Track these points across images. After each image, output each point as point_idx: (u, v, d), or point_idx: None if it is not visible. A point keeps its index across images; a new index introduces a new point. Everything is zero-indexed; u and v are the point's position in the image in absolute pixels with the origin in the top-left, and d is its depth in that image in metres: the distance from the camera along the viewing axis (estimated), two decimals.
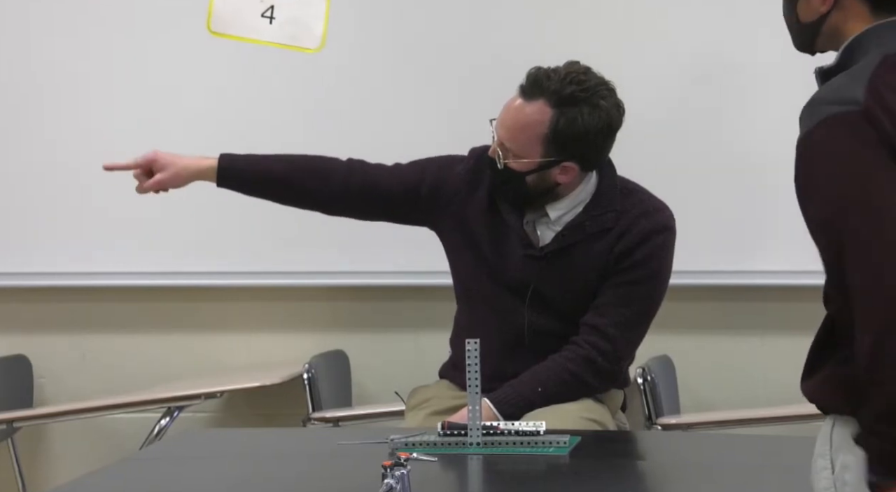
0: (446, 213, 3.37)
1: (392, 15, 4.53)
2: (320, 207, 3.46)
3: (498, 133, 3.23)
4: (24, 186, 4.71)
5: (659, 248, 3.29)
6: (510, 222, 3.29)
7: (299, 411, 4.42)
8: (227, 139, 4.61)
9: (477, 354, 2.83)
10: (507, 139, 3.21)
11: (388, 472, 2.31)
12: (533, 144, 3.20)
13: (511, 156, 3.21)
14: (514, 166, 3.22)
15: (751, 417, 4.16)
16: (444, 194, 3.37)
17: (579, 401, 3.24)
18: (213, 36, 3.67)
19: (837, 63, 2.10)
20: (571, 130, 3.17)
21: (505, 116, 3.22)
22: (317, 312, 4.64)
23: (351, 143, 4.54)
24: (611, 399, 3.35)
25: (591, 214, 3.27)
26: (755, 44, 4.32)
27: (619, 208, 3.28)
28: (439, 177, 3.38)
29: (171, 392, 4.39)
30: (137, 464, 3.08)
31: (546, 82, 3.17)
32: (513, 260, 3.28)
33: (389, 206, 3.42)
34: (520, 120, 3.19)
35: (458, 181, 3.36)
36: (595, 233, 3.26)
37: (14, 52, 4.71)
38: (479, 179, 3.33)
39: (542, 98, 3.18)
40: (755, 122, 4.34)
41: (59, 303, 4.77)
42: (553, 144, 3.19)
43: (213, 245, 4.63)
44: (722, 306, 4.42)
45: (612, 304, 3.25)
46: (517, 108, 3.20)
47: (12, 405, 4.58)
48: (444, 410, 3.29)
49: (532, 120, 3.18)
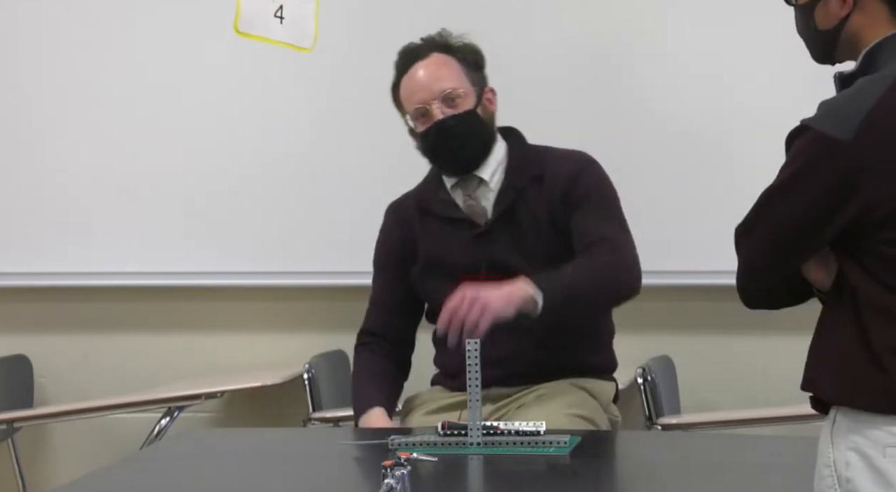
0: (408, 258, 3.42)
1: (386, 14, 4.53)
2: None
3: (433, 91, 3.29)
4: (25, 187, 4.71)
5: (598, 174, 3.35)
6: (449, 214, 3.33)
7: (300, 411, 4.42)
8: (228, 140, 4.63)
9: (477, 354, 2.83)
10: (447, 82, 3.29)
11: (388, 472, 2.31)
12: (462, 77, 3.32)
13: (457, 95, 3.29)
14: (465, 105, 3.29)
15: (751, 417, 4.15)
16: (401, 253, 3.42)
17: (570, 394, 3.24)
18: (238, 36, 3.69)
19: (858, 68, 2.10)
20: (472, 56, 3.35)
21: (424, 78, 3.31)
22: (317, 312, 4.64)
23: (349, 144, 4.56)
24: (601, 392, 3.34)
25: (515, 171, 3.33)
26: (750, 48, 4.33)
27: (537, 160, 3.34)
28: (392, 257, 3.43)
29: (171, 392, 4.40)
30: (138, 464, 3.08)
31: (422, 45, 3.35)
32: (462, 249, 3.31)
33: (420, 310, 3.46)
34: (437, 68, 3.31)
35: (396, 235, 3.43)
36: (526, 187, 3.29)
37: (16, 52, 4.71)
38: (407, 218, 3.41)
39: (431, 51, 3.34)
40: (754, 122, 4.34)
41: (59, 303, 4.77)
42: (470, 71, 3.34)
43: (214, 246, 4.63)
44: (722, 306, 4.41)
45: (590, 222, 3.26)
46: (426, 65, 3.32)
47: (13, 405, 4.58)
48: (441, 408, 3.31)
49: (444, 61, 3.32)
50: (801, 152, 2.05)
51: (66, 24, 4.67)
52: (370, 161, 4.52)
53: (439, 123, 3.29)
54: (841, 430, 2.05)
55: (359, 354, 3.45)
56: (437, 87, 3.29)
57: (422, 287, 3.39)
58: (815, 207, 2.04)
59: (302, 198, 4.59)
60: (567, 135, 3.54)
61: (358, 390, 3.38)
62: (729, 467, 2.82)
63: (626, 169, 4.34)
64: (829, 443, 2.07)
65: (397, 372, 3.42)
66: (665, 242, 4.37)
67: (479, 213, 3.32)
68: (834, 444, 2.06)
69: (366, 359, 3.42)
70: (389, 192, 3.53)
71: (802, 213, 2.06)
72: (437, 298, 3.33)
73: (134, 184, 4.66)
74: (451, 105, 3.30)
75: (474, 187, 3.33)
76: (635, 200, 4.36)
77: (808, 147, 2.04)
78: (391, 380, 3.40)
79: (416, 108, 3.31)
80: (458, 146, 3.31)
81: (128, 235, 4.65)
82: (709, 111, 4.39)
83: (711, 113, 4.39)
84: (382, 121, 4.49)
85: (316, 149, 4.59)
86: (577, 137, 3.33)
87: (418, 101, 3.30)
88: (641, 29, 4.42)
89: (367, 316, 3.48)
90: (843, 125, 2.00)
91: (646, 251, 3.64)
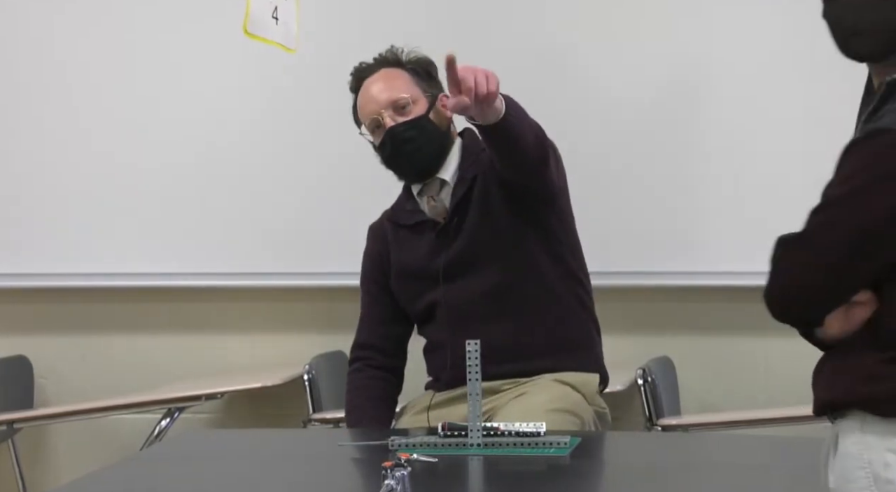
0: (388, 277, 3.48)
1: (376, 13, 4.53)
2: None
3: (381, 101, 3.35)
4: (25, 188, 4.71)
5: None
6: (416, 219, 3.40)
7: (300, 412, 4.42)
8: (227, 140, 4.63)
9: (477, 354, 2.83)
10: (395, 92, 3.36)
11: (388, 473, 2.31)
12: (412, 85, 3.38)
13: (407, 102, 3.35)
14: (417, 111, 3.34)
15: (752, 418, 4.15)
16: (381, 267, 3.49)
17: (552, 390, 3.26)
18: (247, 37, 3.69)
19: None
20: (420, 66, 3.42)
21: (376, 88, 3.38)
22: (317, 313, 4.64)
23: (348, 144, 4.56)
24: (584, 385, 3.34)
25: (464, 163, 3.38)
26: (736, 50, 4.33)
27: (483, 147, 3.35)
28: (373, 271, 3.51)
29: (171, 393, 4.40)
30: (138, 465, 3.08)
31: (372, 64, 3.43)
32: (426, 250, 3.38)
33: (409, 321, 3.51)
34: (388, 79, 3.39)
35: (375, 251, 3.51)
36: (476, 175, 3.34)
37: (14, 53, 4.71)
38: (382, 233, 3.49)
39: (382, 67, 3.42)
40: (759, 123, 4.34)
41: (59, 303, 4.77)
42: (422, 80, 3.40)
43: (214, 247, 4.63)
44: (722, 307, 4.42)
45: None
46: (377, 77, 3.40)
47: (13, 406, 4.58)
48: (426, 407, 3.34)
49: (393, 74, 3.40)
50: (878, 157, 1.98)
51: (61, 25, 4.67)
52: (370, 162, 4.51)
53: (390, 130, 3.35)
54: (877, 431, 2.02)
55: (354, 376, 3.48)
56: (385, 96, 3.37)
57: (400, 296, 3.46)
58: (887, 216, 1.97)
59: (302, 198, 4.59)
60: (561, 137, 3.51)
61: (349, 414, 3.44)
62: (729, 468, 2.82)
63: (626, 170, 4.35)
64: (863, 444, 2.03)
65: (393, 391, 3.48)
66: (665, 242, 4.37)
67: (441, 212, 3.38)
68: (869, 445, 2.03)
69: (361, 382, 3.46)
70: (389, 193, 3.53)
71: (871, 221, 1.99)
72: (413, 303, 3.43)
73: (134, 185, 4.66)
74: (401, 113, 3.36)
75: (437, 189, 3.39)
76: (635, 201, 4.38)
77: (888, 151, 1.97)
78: (388, 404, 3.45)
79: (371, 120, 3.38)
80: (412, 151, 3.36)
81: (128, 237, 4.65)
82: (712, 112, 4.38)
83: (715, 114, 4.38)
84: None
85: (314, 149, 4.59)
86: (574, 137, 3.32)
87: (371, 113, 3.38)
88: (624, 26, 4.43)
89: (359, 332, 3.54)
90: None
91: (646, 252, 3.69)
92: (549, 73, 4.41)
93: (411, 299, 3.43)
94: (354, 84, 3.45)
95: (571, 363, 3.34)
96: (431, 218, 3.39)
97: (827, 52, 2.18)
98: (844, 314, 2.05)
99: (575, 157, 3.52)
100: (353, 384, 3.47)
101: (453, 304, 3.34)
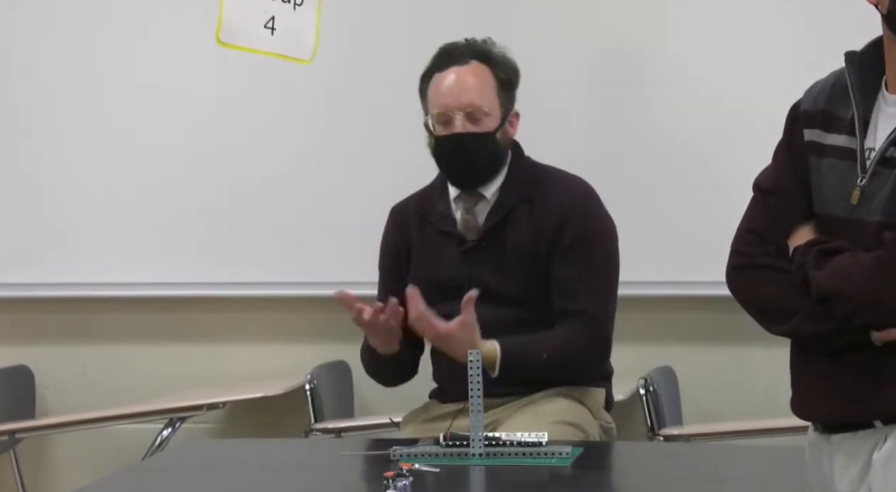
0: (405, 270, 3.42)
1: (385, 24, 4.53)
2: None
3: (460, 102, 3.27)
4: (26, 197, 4.71)
5: (589, 214, 3.34)
6: (444, 228, 3.34)
7: (301, 422, 4.42)
8: (229, 151, 4.63)
9: (479, 364, 2.83)
10: (476, 98, 3.27)
11: (390, 483, 2.31)
12: (494, 96, 3.30)
13: (483, 114, 3.28)
14: (488, 126, 3.28)
15: (754, 428, 4.14)
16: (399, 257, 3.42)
17: (557, 402, 3.24)
18: (220, 47, 3.67)
19: None
20: (509, 76, 3.33)
21: (455, 86, 3.28)
22: (318, 323, 4.63)
23: (350, 154, 4.56)
24: (591, 398, 3.33)
25: (508, 188, 3.32)
26: (742, 48, 4.33)
27: (533, 180, 3.33)
28: (392, 259, 3.44)
29: (173, 403, 4.39)
30: (139, 475, 3.08)
31: (465, 49, 3.31)
32: (449, 264, 3.32)
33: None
34: (472, 80, 3.29)
35: (397, 240, 3.43)
36: (516, 205, 3.29)
37: (8, 62, 4.70)
38: (406, 219, 3.41)
39: (472, 58, 3.30)
40: (759, 135, 4.34)
41: (61, 313, 4.77)
42: (503, 92, 3.32)
43: (215, 256, 4.62)
44: (725, 317, 4.41)
45: (576, 284, 3.27)
46: (462, 73, 3.30)
47: (14, 416, 4.57)
48: (432, 418, 3.33)
49: (482, 75, 3.30)
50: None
51: (63, 30, 4.67)
52: (374, 172, 4.52)
53: (457, 137, 3.28)
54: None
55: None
56: (465, 99, 3.28)
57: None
58: None
59: (304, 208, 4.58)
60: (567, 146, 3.52)
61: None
62: (731, 478, 2.82)
63: (629, 179, 4.35)
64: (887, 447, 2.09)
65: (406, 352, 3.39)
66: (667, 251, 4.37)
67: (472, 228, 3.33)
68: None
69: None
70: (393, 202, 3.53)
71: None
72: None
73: (136, 195, 4.66)
74: (473, 121, 3.28)
75: (474, 202, 3.34)
76: (637, 211, 4.38)
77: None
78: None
79: (440, 113, 3.30)
80: (469, 162, 3.31)
81: (130, 247, 4.65)
82: (712, 122, 4.38)
83: (714, 124, 4.38)
84: (388, 132, 4.52)
85: (316, 159, 4.59)
86: (579, 147, 3.33)
87: (444, 106, 3.29)
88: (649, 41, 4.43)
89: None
90: None
91: (647, 261, 3.68)
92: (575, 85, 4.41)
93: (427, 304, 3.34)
94: (438, 61, 3.33)
95: (578, 377, 3.33)
96: (461, 232, 3.33)
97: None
98: None
99: (574, 166, 3.52)
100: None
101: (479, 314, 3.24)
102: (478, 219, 3.33)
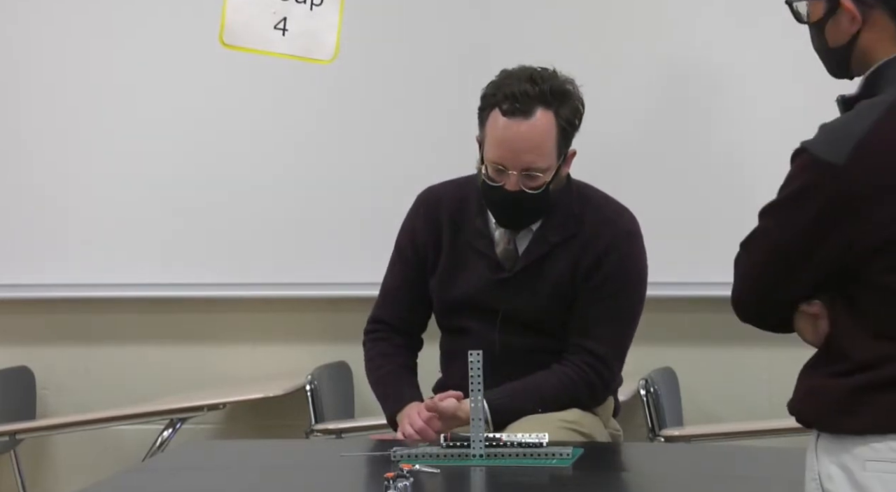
0: (428, 261, 3.34)
1: (403, 26, 4.53)
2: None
3: (519, 162, 3.15)
4: (28, 198, 4.71)
5: (627, 256, 3.27)
6: (480, 248, 3.27)
7: (302, 423, 4.42)
8: (232, 151, 4.64)
9: (479, 365, 2.83)
10: (535, 158, 3.15)
11: (391, 483, 2.31)
12: (553, 148, 3.18)
13: (539, 171, 3.17)
14: (543, 180, 3.18)
15: (754, 429, 4.15)
16: (423, 252, 3.34)
17: (571, 411, 3.21)
18: (225, 48, 3.66)
19: (860, 91, 2.10)
20: (572, 118, 3.19)
21: (516, 142, 3.14)
22: (319, 324, 4.64)
23: (353, 155, 4.57)
24: (603, 409, 3.33)
25: (553, 222, 3.25)
26: (744, 47, 4.33)
27: (578, 212, 3.26)
28: (414, 251, 3.35)
29: (174, 404, 4.40)
30: (140, 475, 3.08)
31: (532, 91, 3.14)
32: (481, 285, 3.26)
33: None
34: (536, 138, 3.15)
35: (423, 234, 3.34)
36: (559, 243, 3.23)
37: (6, 64, 4.71)
38: (438, 218, 3.32)
39: (539, 106, 3.15)
40: (763, 135, 4.34)
41: (61, 314, 4.77)
42: (563, 141, 3.20)
43: (216, 257, 4.63)
44: (725, 318, 4.34)
45: (597, 322, 3.23)
46: (527, 128, 3.14)
47: (15, 417, 4.58)
48: None
49: (545, 130, 3.15)
50: (797, 174, 2.06)
51: (69, 30, 4.67)
52: (375, 172, 4.53)
53: (510, 193, 3.16)
54: (824, 444, 2.09)
55: (374, 345, 3.39)
56: (525, 159, 3.14)
57: (435, 298, 3.34)
58: (806, 229, 2.04)
59: (305, 209, 4.59)
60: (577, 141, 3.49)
61: (385, 382, 3.32)
62: (732, 478, 2.81)
63: (629, 179, 4.35)
64: (815, 456, 2.10)
65: (414, 362, 3.39)
66: (668, 253, 4.36)
67: (511, 257, 3.26)
68: (819, 457, 2.09)
69: (384, 350, 3.37)
70: (396, 203, 3.51)
71: (792, 234, 2.06)
72: (447, 317, 3.34)
73: (137, 197, 4.66)
74: (529, 179, 3.16)
75: (517, 232, 3.27)
76: (637, 211, 4.37)
77: (803, 170, 2.05)
78: (412, 371, 3.36)
79: (495, 166, 3.16)
80: (517, 214, 3.23)
81: (130, 248, 4.65)
82: (715, 121, 4.39)
83: (714, 124, 4.38)
84: (391, 133, 4.52)
85: (319, 161, 4.59)
86: (578, 147, 3.31)
87: (500, 158, 3.15)
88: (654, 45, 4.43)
89: (380, 304, 3.41)
90: (837, 149, 2.00)
91: (649, 263, 3.64)
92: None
93: (446, 312, 3.32)
94: (504, 102, 3.13)
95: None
96: (497, 256, 3.26)
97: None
98: (813, 325, 2.12)
99: (575, 164, 3.51)
100: (378, 354, 3.36)
101: (505, 341, 3.24)
102: (517, 247, 3.26)
